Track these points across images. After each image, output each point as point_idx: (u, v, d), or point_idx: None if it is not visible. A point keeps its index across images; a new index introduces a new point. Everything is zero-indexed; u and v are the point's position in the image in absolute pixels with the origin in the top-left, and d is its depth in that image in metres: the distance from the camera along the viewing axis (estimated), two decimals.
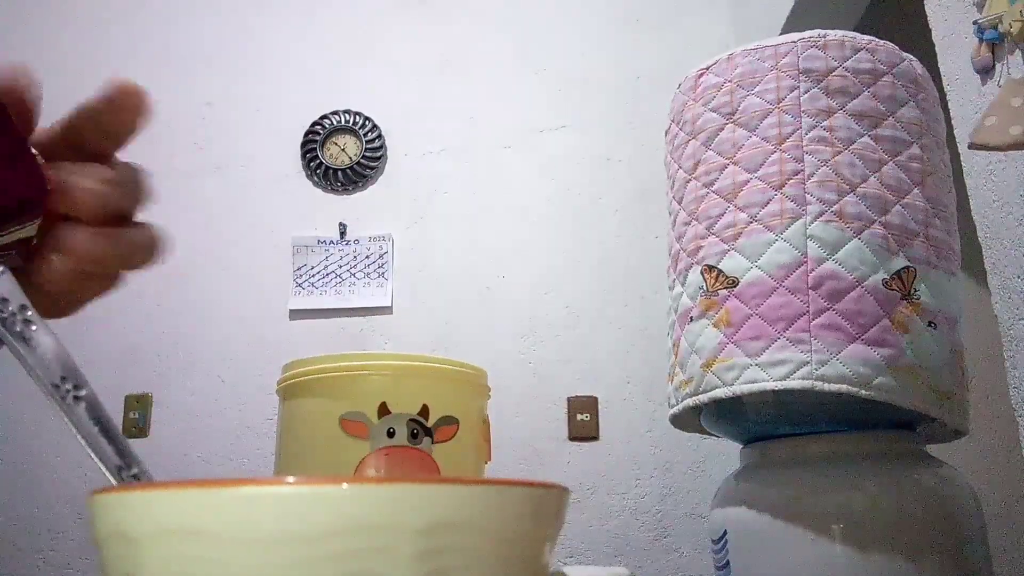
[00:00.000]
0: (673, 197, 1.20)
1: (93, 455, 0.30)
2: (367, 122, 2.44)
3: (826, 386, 0.94)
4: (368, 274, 2.32)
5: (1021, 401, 0.96)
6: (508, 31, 2.51)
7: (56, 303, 0.36)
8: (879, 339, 0.95)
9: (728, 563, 1.03)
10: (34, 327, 0.31)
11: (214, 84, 2.55)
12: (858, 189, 1.01)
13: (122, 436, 0.31)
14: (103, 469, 0.30)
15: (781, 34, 1.41)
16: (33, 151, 0.33)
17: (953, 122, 1.10)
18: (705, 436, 1.31)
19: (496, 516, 0.24)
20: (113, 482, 0.29)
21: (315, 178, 2.43)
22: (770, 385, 0.96)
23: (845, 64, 1.06)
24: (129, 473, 0.30)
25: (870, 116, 1.04)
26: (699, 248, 1.09)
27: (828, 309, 0.97)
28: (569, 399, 2.16)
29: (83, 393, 0.31)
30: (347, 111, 2.46)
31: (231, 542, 0.22)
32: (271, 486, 0.22)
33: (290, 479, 0.22)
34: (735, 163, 1.07)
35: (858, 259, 0.98)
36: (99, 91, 0.34)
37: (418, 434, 0.73)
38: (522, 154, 2.39)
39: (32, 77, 0.32)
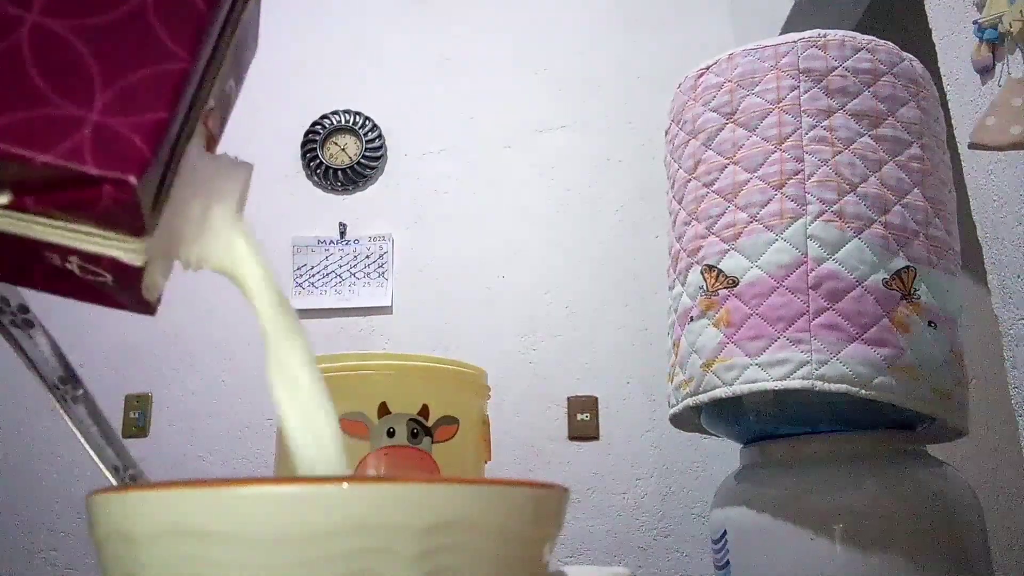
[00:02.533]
0: (673, 197, 1.20)
1: (93, 455, 0.30)
2: (367, 122, 2.44)
3: (826, 386, 0.94)
4: (368, 274, 2.32)
5: (1021, 401, 0.96)
6: (508, 31, 2.51)
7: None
8: (879, 339, 0.95)
9: (728, 563, 1.03)
10: (34, 327, 0.31)
11: None
12: (858, 189, 1.01)
13: (117, 436, 0.31)
14: (103, 469, 0.30)
15: (781, 34, 1.41)
16: None
17: (953, 122, 1.10)
18: (705, 436, 1.32)
19: (496, 516, 0.24)
20: (113, 482, 0.29)
21: (315, 178, 2.43)
22: (770, 385, 0.96)
23: (845, 64, 1.06)
24: (127, 473, 0.30)
25: (870, 116, 1.04)
26: (699, 248, 1.09)
27: (828, 309, 0.97)
28: (569, 399, 2.16)
29: (82, 393, 0.31)
30: (347, 111, 2.46)
31: (231, 542, 0.22)
32: (271, 486, 0.22)
33: (290, 479, 0.22)
34: (735, 163, 1.07)
35: (858, 259, 0.98)
36: None
37: (418, 434, 0.73)
38: (522, 154, 2.39)
39: None
